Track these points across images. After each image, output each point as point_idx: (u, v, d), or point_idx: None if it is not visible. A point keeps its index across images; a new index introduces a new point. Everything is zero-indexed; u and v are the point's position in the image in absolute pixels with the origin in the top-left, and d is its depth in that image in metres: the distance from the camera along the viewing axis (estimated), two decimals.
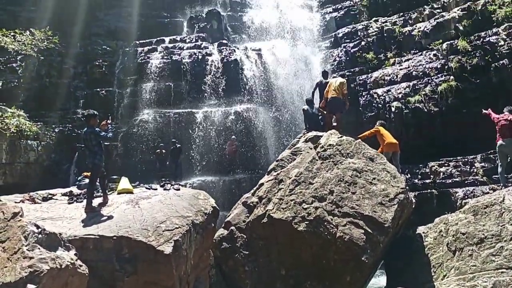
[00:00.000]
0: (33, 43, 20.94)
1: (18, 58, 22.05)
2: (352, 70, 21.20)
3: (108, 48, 24.77)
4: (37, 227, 6.18)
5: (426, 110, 17.60)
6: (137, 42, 24.91)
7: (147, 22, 26.55)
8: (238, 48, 24.06)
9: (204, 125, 20.67)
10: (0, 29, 20.16)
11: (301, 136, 12.19)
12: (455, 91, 16.98)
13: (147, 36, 25.20)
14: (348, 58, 22.16)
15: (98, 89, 22.68)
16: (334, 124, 12.78)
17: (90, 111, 9.19)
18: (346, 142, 10.44)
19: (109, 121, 9.84)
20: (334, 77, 15.33)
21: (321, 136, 11.07)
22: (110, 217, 8.07)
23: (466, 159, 15.79)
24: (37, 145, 19.39)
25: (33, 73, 22.25)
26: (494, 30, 17.01)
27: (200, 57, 23.14)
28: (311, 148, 10.90)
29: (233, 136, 20.01)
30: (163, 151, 18.84)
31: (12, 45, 20.25)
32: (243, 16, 27.26)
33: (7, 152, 17.92)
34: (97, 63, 23.79)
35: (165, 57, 23.34)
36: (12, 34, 20.28)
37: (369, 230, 8.45)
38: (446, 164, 16.11)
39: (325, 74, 14.74)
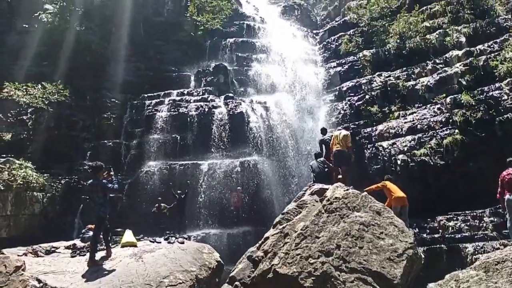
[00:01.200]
0: (44, 96, 21.53)
1: (28, 111, 22.44)
2: (356, 123, 21.42)
3: (116, 101, 25.18)
4: (39, 281, 6.12)
5: (432, 163, 17.58)
6: (145, 95, 25.48)
7: (155, 76, 27.29)
8: (244, 101, 24.51)
9: (210, 176, 20.65)
10: (13, 83, 20.81)
11: (307, 188, 12.09)
12: (461, 145, 17.03)
13: (155, 89, 25.81)
14: (352, 111, 22.48)
15: (105, 141, 22.93)
16: (340, 176, 12.74)
17: (97, 163, 9.24)
18: (353, 195, 10.34)
19: (111, 173, 9.84)
20: (338, 129, 15.44)
21: (327, 189, 10.99)
22: (112, 271, 7.96)
23: (474, 213, 15.55)
24: (42, 197, 19.32)
25: (42, 125, 22.56)
26: (497, 84, 17.31)
27: (206, 109, 23.55)
28: (317, 201, 10.78)
29: (239, 187, 19.98)
30: (162, 205, 18.26)
31: (24, 98, 20.85)
32: (249, 70, 27.90)
33: (12, 203, 17.87)
34: (105, 116, 24.19)
35: (172, 110, 23.75)
36: (24, 87, 20.92)
37: (378, 287, 8.21)
38: (454, 218, 15.85)
39: (323, 131, 14.84)
